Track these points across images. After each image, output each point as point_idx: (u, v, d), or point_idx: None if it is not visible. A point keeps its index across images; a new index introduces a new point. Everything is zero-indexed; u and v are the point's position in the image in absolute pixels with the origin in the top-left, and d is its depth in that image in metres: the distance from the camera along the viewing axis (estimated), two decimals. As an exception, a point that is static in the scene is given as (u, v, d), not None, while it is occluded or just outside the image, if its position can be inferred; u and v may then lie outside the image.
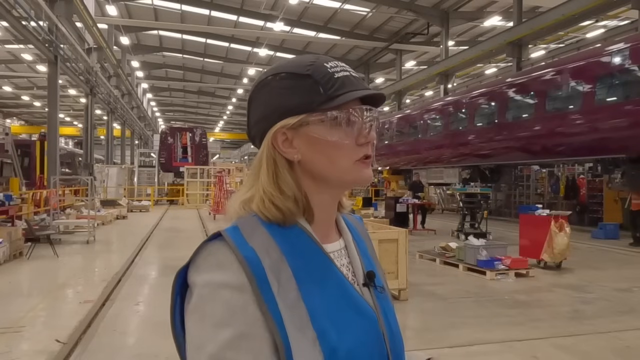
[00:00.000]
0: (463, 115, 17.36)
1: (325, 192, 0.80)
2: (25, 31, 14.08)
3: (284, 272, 0.71)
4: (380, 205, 19.36)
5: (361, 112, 0.79)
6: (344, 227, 0.88)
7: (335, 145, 0.77)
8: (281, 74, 0.79)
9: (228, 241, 0.71)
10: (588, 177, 17.21)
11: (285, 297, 0.69)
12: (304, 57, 0.81)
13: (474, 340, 4.73)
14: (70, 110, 45.36)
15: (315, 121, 0.76)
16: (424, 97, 34.93)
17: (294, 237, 0.76)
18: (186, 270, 0.73)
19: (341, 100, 0.76)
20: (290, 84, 0.77)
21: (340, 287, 0.76)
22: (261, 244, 0.72)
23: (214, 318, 0.67)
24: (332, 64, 0.79)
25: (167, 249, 10.71)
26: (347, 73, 0.79)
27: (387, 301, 0.85)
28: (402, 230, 6.45)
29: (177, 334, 0.74)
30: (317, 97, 0.76)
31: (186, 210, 22.89)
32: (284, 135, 0.77)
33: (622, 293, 6.71)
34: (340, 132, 0.77)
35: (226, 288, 0.69)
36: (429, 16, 23.05)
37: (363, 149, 0.79)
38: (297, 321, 0.69)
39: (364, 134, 0.79)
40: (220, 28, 27.64)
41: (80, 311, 5.53)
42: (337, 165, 0.78)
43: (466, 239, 9.21)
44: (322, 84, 0.76)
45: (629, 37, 11.89)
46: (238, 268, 0.69)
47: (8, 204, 10.01)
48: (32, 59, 26.77)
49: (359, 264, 0.84)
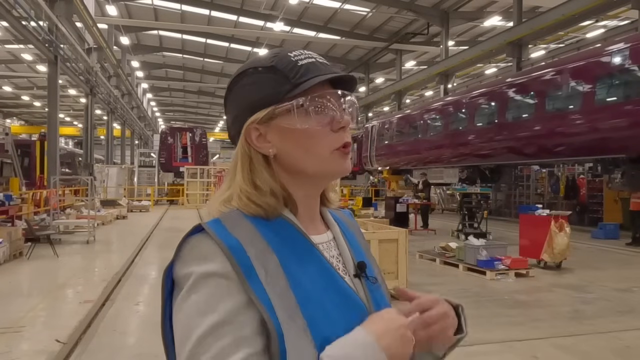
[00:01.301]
0: (463, 115, 17.35)
1: (304, 185, 0.79)
2: (25, 31, 14.08)
3: (271, 261, 0.70)
4: (380, 205, 19.37)
5: (332, 96, 0.77)
6: (331, 220, 0.87)
7: (307, 133, 0.75)
8: (248, 70, 0.79)
9: (210, 232, 0.71)
10: (588, 177, 17.21)
11: (274, 285, 0.68)
12: (269, 52, 0.80)
13: (474, 340, 4.72)
14: (70, 110, 45.36)
15: (283, 112, 0.75)
16: (424, 97, 34.91)
17: (279, 228, 0.75)
18: (172, 268, 0.72)
19: (305, 86, 0.74)
20: (256, 79, 0.77)
21: (329, 277, 0.75)
22: (245, 235, 0.72)
23: (199, 306, 0.66)
24: (296, 53, 0.78)
25: (167, 249, 10.70)
26: (313, 59, 0.78)
27: (380, 292, 0.84)
28: (402, 230, 6.46)
29: (165, 333, 0.73)
30: (282, 87, 0.75)
31: (186, 210, 22.86)
32: (257, 131, 0.77)
33: (622, 293, 6.71)
34: (310, 119, 0.75)
35: (211, 276, 0.68)
36: (429, 16, 23.05)
37: (341, 136, 0.77)
38: (287, 308, 0.68)
39: (338, 119, 0.77)
40: (220, 28, 27.65)
41: (80, 311, 5.53)
42: (312, 154, 0.76)
43: (466, 239, 9.21)
44: (286, 72, 0.75)
45: (629, 37, 11.88)
46: (222, 257, 0.68)
47: (8, 204, 10.01)
48: (32, 59, 26.75)
49: (349, 255, 0.83)
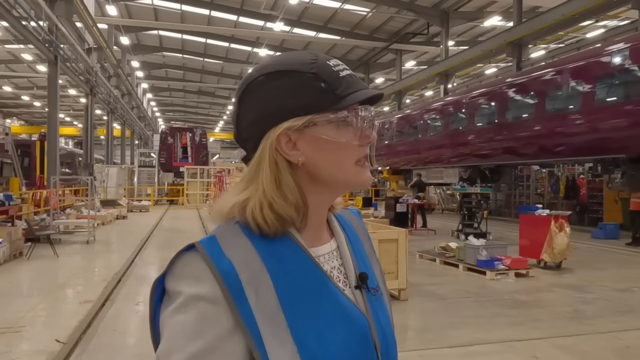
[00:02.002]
0: (463, 115, 17.35)
1: (323, 193, 0.78)
2: (25, 31, 14.08)
3: (264, 283, 0.68)
4: (380, 205, 19.37)
5: (366, 111, 0.77)
6: (337, 227, 0.85)
7: (343, 146, 0.75)
8: (278, 72, 0.75)
9: (202, 254, 0.69)
10: (588, 177, 17.21)
11: (263, 308, 0.67)
12: (301, 55, 0.77)
13: (474, 340, 4.73)
14: (70, 110, 45.35)
15: (323, 122, 0.73)
16: (424, 97, 34.92)
17: (279, 245, 0.73)
18: (163, 279, 0.71)
19: (350, 101, 0.74)
20: (292, 83, 0.73)
21: (327, 295, 0.73)
22: (240, 254, 0.70)
23: (185, 329, 0.65)
24: (334, 62, 0.76)
25: (167, 249, 10.69)
26: (349, 72, 0.78)
27: (381, 303, 0.82)
28: (402, 230, 6.45)
29: (155, 337, 0.73)
30: (326, 97, 0.73)
31: (186, 210, 22.87)
32: (287, 137, 0.74)
33: (622, 293, 6.71)
34: (348, 132, 0.75)
35: (200, 300, 0.66)
36: (429, 16, 23.04)
37: (364, 149, 0.78)
38: (276, 333, 0.66)
39: (367, 134, 0.77)
40: (220, 28, 27.64)
41: (80, 311, 5.53)
42: (342, 167, 0.76)
43: (466, 239, 9.21)
44: (329, 82, 0.74)
45: (629, 37, 11.88)
46: (212, 281, 0.67)
47: (8, 204, 10.01)
48: (32, 59, 26.74)
49: (352, 265, 0.82)
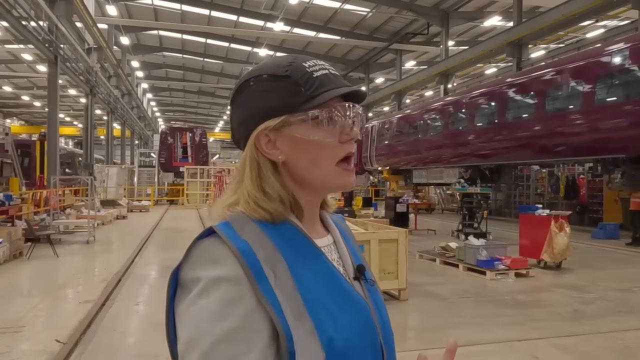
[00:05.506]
0: (463, 115, 17.34)
1: (307, 192, 0.82)
2: (25, 31, 14.07)
3: (279, 263, 0.72)
4: (380, 205, 19.37)
5: (343, 109, 0.79)
6: (331, 224, 0.90)
7: (318, 144, 0.77)
8: (261, 75, 0.79)
9: (221, 235, 0.72)
10: (588, 177, 17.20)
11: (282, 287, 0.70)
12: (282, 58, 0.81)
13: (474, 340, 4.73)
14: (70, 110, 45.33)
15: (296, 121, 0.77)
16: (424, 97, 34.91)
17: (286, 231, 0.77)
18: (177, 274, 0.73)
19: (321, 100, 0.77)
20: (269, 86, 0.78)
21: (333, 279, 0.77)
22: (254, 237, 0.73)
23: (210, 312, 0.67)
24: (311, 63, 0.79)
25: (167, 249, 10.70)
26: (326, 71, 0.80)
27: (377, 294, 0.87)
28: (402, 230, 6.45)
29: (170, 333, 0.73)
30: (297, 98, 0.77)
31: (186, 210, 22.88)
32: (267, 137, 0.78)
33: (622, 293, 6.71)
34: (322, 131, 0.78)
35: (222, 282, 0.69)
36: (429, 16, 23.04)
37: (346, 147, 0.80)
38: (295, 311, 0.69)
39: (347, 132, 0.79)
40: (220, 28, 27.62)
41: (80, 311, 5.52)
42: (319, 166, 0.78)
43: (466, 239, 9.21)
44: (302, 83, 0.77)
45: (629, 37, 11.87)
46: (233, 261, 0.69)
47: (8, 204, 10.01)
48: (32, 59, 26.72)
49: (349, 258, 0.86)
